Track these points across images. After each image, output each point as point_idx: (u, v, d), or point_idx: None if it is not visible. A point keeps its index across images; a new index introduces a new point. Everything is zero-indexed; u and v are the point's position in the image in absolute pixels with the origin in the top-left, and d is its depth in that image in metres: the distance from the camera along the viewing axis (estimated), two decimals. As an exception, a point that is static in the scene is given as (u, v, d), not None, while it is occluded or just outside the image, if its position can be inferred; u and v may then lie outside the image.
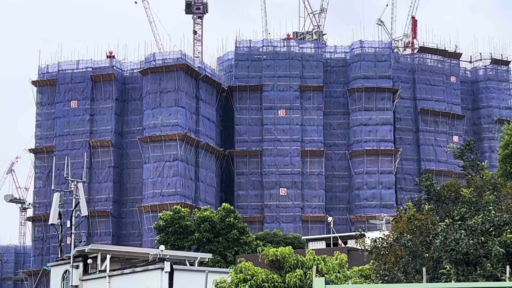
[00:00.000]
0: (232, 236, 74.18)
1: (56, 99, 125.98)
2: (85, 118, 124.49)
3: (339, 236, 75.90)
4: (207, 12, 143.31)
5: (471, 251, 25.93)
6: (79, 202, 49.62)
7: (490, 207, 27.43)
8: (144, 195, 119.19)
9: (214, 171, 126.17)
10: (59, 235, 52.33)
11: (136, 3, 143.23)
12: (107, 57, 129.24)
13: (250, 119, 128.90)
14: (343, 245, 70.96)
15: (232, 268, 36.71)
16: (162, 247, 46.14)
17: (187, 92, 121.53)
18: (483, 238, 26.33)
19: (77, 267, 46.38)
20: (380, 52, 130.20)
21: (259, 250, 37.67)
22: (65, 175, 56.51)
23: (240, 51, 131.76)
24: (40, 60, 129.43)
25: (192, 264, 47.52)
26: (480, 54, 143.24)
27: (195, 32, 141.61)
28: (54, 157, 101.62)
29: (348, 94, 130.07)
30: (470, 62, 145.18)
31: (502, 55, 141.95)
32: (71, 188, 51.95)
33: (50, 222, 51.76)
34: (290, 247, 37.30)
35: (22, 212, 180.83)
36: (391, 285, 25.58)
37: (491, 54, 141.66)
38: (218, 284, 36.52)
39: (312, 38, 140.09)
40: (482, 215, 27.17)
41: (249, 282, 34.77)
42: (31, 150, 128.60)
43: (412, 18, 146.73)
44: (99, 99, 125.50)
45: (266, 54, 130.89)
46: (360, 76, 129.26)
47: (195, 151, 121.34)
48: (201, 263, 50.26)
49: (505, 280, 24.31)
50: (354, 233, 49.55)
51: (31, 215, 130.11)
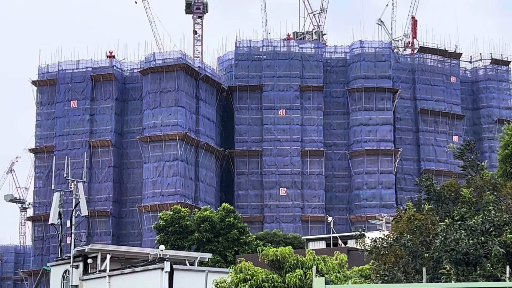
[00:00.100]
0: (232, 236, 74.15)
1: (56, 99, 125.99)
2: (85, 118, 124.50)
3: (339, 236, 75.88)
4: (207, 12, 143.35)
5: (471, 251, 25.93)
6: (79, 202, 49.60)
7: (490, 207, 27.43)
8: (144, 195, 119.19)
9: (214, 171, 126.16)
10: (59, 235, 52.31)
11: (136, 3, 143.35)
12: (107, 57, 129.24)
13: (250, 119, 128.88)
14: (343, 245, 70.93)
15: (232, 268, 36.71)
16: (162, 247, 46.13)
17: (187, 92, 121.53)
18: (483, 238, 26.33)
19: (77, 267, 46.39)
20: (380, 52, 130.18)
21: (259, 250, 37.66)
22: (65, 175, 56.47)
23: (240, 51, 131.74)
24: (40, 60, 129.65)
25: (192, 264, 47.51)
26: (480, 54, 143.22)
27: (195, 32, 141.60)
28: (54, 157, 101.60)
29: (348, 94, 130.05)
30: (470, 62, 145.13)
31: (502, 55, 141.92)
32: (71, 188, 51.94)
33: (50, 222, 51.72)
34: (290, 247, 37.29)
35: (22, 212, 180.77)
36: (391, 285, 25.58)
37: (491, 54, 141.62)
38: (218, 284, 36.53)
39: (312, 38, 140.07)
40: (482, 215, 27.17)
41: (249, 282, 34.77)
42: (31, 150, 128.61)
43: (412, 18, 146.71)
44: (99, 99, 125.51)
45: (266, 54, 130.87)
46: (360, 76, 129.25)
47: (195, 151, 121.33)
48: (201, 263, 50.25)
49: (505, 280, 24.31)
50: (354, 233, 49.54)
51: (31, 215, 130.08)
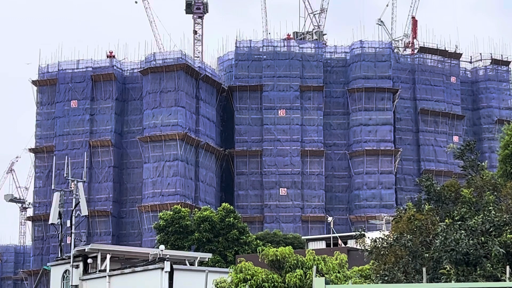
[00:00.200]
0: (232, 236, 74.13)
1: (56, 99, 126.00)
2: (85, 118, 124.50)
3: (339, 236, 75.91)
4: (207, 12, 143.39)
5: (471, 251, 25.93)
6: (79, 202, 49.58)
7: (490, 208, 27.43)
8: (144, 195, 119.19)
9: (214, 171, 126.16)
10: (59, 234, 52.29)
11: (136, 2, 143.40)
12: (107, 56, 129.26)
13: (250, 119, 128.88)
14: (343, 245, 70.95)
15: (232, 268, 36.70)
16: (162, 247, 46.12)
17: (187, 92, 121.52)
18: (483, 238, 26.33)
19: (77, 266, 46.38)
20: (380, 52, 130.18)
21: (259, 250, 37.66)
22: (65, 175, 56.46)
23: (240, 51, 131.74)
24: (40, 59, 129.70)
25: (192, 264, 47.50)
26: (480, 54, 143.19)
27: (195, 32, 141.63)
28: (54, 156, 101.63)
29: (348, 94, 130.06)
30: (470, 63, 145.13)
31: (502, 55, 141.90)
32: (71, 187, 51.93)
33: (50, 222, 51.71)
34: (290, 247, 37.30)
35: (22, 211, 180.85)
36: (391, 285, 25.58)
37: (491, 54, 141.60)
38: (218, 284, 36.53)
39: (312, 38, 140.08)
40: (482, 215, 27.17)
41: (249, 282, 34.77)
42: (31, 150, 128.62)
43: (412, 18, 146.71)
44: (99, 99, 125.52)
45: (266, 54, 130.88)
46: (360, 76, 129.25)
47: (195, 151, 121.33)
48: (201, 263, 50.23)
49: (505, 281, 24.32)
50: (354, 233, 49.52)
51: (31, 215, 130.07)
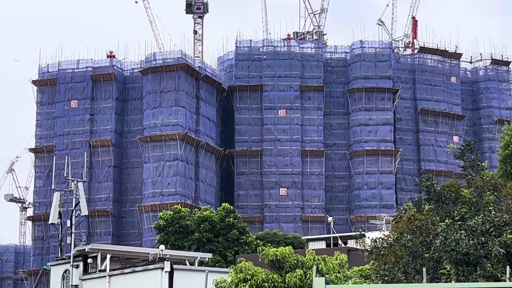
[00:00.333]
0: (232, 236, 74.13)
1: (56, 99, 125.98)
2: (85, 118, 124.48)
3: (339, 236, 75.90)
4: (207, 12, 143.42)
5: (471, 251, 25.93)
6: (79, 202, 49.57)
7: (490, 208, 27.43)
8: (144, 195, 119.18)
9: (214, 171, 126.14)
10: (59, 234, 52.28)
11: (136, 2, 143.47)
12: (108, 56, 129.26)
13: (250, 119, 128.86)
14: (343, 245, 70.94)
15: (232, 268, 36.69)
16: (162, 246, 46.13)
17: (187, 92, 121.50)
18: (483, 239, 26.33)
19: (77, 266, 46.37)
20: (380, 52, 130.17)
21: (259, 250, 37.65)
22: (65, 175, 56.44)
23: (240, 51, 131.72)
24: (40, 59, 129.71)
25: (192, 264, 47.50)
26: (481, 54, 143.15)
27: (195, 32, 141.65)
28: (54, 156, 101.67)
29: (348, 94, 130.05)
30: (471, 63, 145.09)
31: (502, 55, 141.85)
32: (71, 187, 51.92)
33: (50, 222, 51.70)
34: (290, 247, 37.28)
35: (22, 211, 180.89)
36: (391, 285, 25.58)
37: (491, 54, 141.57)
38: (218, 284, 36.53)
39: (313, 38, 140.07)
40: (482, 215, 27.17)
41: (249, 282, 34.76)
42: (31, 150, 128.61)
43: (413, 18, 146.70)
44: (99, 99, 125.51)
45: (266, 54, 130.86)
46: (360, 76, 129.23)
47: (195, 151, 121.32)
48: (201, 263, 50.22)
49: (505, 281, 24.31)
50: (354, 233, 49.51)
51: (31, 215, 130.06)
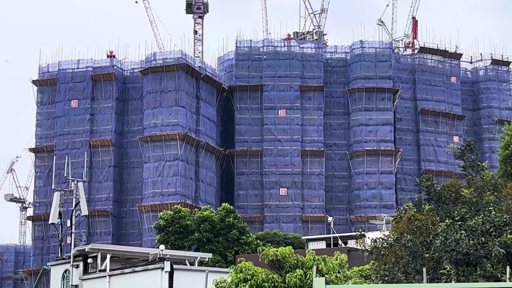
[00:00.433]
0: (232, 236, 74.14)
1: (57, 99, 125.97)
2: (85, 118, 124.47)
3: (339, 236, 75.88)
4: (207, 12, 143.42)
5: (471, 251, 25.93)
6: (79, 202, 49.58)
7: (491, 208, 27.43)
8: (144, 195, 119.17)
9: (214, 171, 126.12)
10: (59, 234, 52.27)
11: (136, 2, 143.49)
12: (108, 56, 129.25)
13: (251, 119, 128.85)
14: (343, 245, 70.93)
15: (232, 268, 36.69)
16: (162, 246, 46.13)
17: (187, 92, 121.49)
18: (483, 239, 26.33)
19: (77, 266, 46.38)
20: (380, 52, 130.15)
21: (259, 250, 37.65)
22: (65, 175, 56.51)
23: (240, 51, 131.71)
24: (40, 59, 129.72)
25: (192, 264, 47.50)
26: (481, 54, 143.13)
27: (195, 32, 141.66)
28: (55, 156, 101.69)
29: (349, 94, 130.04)
30: (471, 63, 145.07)
31: (502, 55, 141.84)
32: (71, 187, 51.92)
33: (50, 222, 51.70)
34: (290, 247, 37.28)
35: (22, 211, 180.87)
36: (391, 285, 25.58)
37: (491, 54, 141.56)
38: (218, 284, 36.53)
39: (313, 38, 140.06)
40: (482, 215, 27.17)
41: (249, 282, 34.76)
42: (31, 150, 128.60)
43: (413, 18, 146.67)
44: (99, 99, 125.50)
45: (266, 54, 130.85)
46: (361, 76, 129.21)
47: (195, 150, 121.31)
48: (201, 263, 50.22)
49: (505, 281, 24.31)
50: (354, 233, 49.52)
51: (31, 215, 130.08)
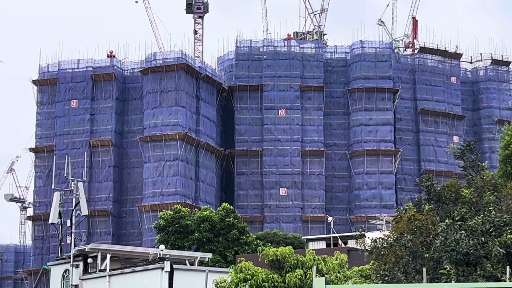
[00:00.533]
0: (232, 236, 74.16)
1: (57, 98, 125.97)
2: (85, 118, 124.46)
3: (339, 236, 75.89)
4: (207, 12, 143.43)
5: (471, 251, 25.93)
6: (79, 202, 49.58)
7: (491, 208, 27.43)
8: (144, 195, 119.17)
9: (214, 171, 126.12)
10: (59, 234, 52.28)
11: (136, 2, 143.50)
12: (108, 56, 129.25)
13: (251, 119, 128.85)
14: (343, 245, 70.94)
15: (232, 267, 36.70)
16: (162, 246, 46.13)
17: (187, 92, 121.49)
18: (483, 239, 26.33)
19: (77, 266, 46.38)
20: (380, 52, 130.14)
21: (259, 250, 37.65)
22: (65, 175, 56.52)
23: (240, 51, 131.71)
24: (40, 59, 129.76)
25: (192, 263, 47.50)
26: (481, 54, 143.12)
27: (195, 32, 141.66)
28: (55, 156, 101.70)
29: (349, 94, 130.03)
30: (471, 63, 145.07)
31: (502, 55, 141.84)
32: (71, 187, 51.93)
33: (50, 221, 51.72)
34: (290, 247, 37.28)
35: (22, 211, 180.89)
36: (391, 285, 25.58)
37: (491, 54, 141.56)
38: (218, 284, 36.53)
39: (313, 38, 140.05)
40: (482, 215, 27.17)
41: (249, 282, 34.76)
42: (31, 149, 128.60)
43: (413, 18, 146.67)
44: (99, 99, 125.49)
45: (266, 54, 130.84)
46: (361, 76, 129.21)
47: (195, 150, 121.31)
48: (201, 263, 50.22)
49: (505, 281, 24.31)
50: (354, 233, 49.53)
51: (31, 214, 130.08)
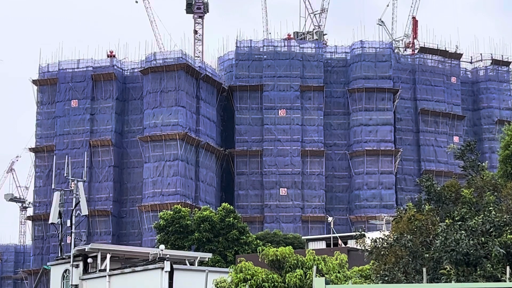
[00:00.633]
0: (232, 236, 74.17)
1: (57, 98, 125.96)
2: (85, 118, 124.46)
3: (339, 236, 75.88)
4: (207, 12, 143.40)
5: (471, 251, 25.93)
6: (79, 201, 49.59)
7: (491, 208, 27.43)
8: (144, 195, 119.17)
9: (214, 170, 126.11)
10: (59, 234, 52.29)
11: (137, 2, 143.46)
12: (108, 56, 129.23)
13: (251, 119, 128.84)
14: (343, 245, 70.93)
15: (232, 267, 36.70)
16: (162, 246, 46.14)
17: (187, 92, 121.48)
18: (483, 239, 26.33)
19: (77, 266, 46.39)
20: (380, 52, 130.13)
21: (259, 250, 37.65)
22: (65, 174, 56.52)
23: (240, 51, 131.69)
24: (40, 59, 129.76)
25: (192, 263, 47.51)
26: (481, 54, 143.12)
27: (195, 32, 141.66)
28: (55, 156, 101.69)
29: (349, 94, 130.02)
30: (471, 63, 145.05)
31: (502, 55, 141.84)
32: (71, 187, 51.94)
33: (50, 221, 51.74)
34: (290, 247, 37.29)
35: (22, 211, 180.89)
36: (391, 285, 25.58)
37: (491, 54, 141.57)
38: (218, 284, 36.53)
39: (313, 38, 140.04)
40: (482, 215, 27.17)
41: (249, 282, 34.76)
42: (31, 149, 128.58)
43: (413, 18, 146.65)
44: (99, 99, 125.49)
45: (266, 54, 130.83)
46: (361, 76, 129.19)
47: (195, 150, 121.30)
48: (201, 263, 50.23)
49: (505, 281, 24.30)
50: (354, 233, 49.52)
51: (31, 214, 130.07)
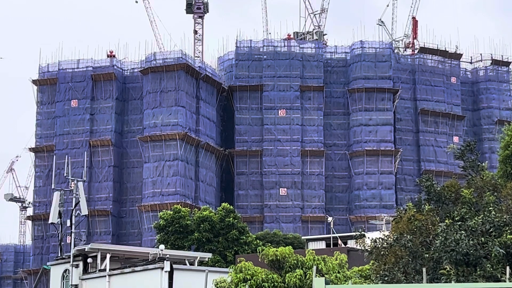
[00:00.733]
0: (232, 236, 74.16)
1: (57, 98, 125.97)
2: (85, 117, 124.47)
3: (339, 236, 75.91)
4: (207, 12, 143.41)
5: (471, 251, 25.93)
6: (79, 201, 49.58)
7: (490, 208, 27.44)
8: (144, 195, 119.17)
9: (214, 171, 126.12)
10: (59, 234, 52.27)
11: (137, 2, 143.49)
12: (108, 56, 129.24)
13: (250, 119, 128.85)
14: (343, 245, 70.95)
15: (232, 268, 36.71)
16: (162, 246, 46.11)
17: (187, 92, 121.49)
18: (483, 239, 26.33)
19: (77, 266, 46.38)
20: (380, 52, 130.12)
21: (259, 250, 37.66)
22: (65, 174, 56.50)
23: (240, 51, 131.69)
24: (40, 59, 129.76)
25: (192, 263, 47.50)
26: (481, 54, 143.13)
27: (195, 32, 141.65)
28: (54, 156, 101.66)
29: (349, 95, 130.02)
30: (471, 63, 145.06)
31: (502, 56, 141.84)
32: (71, 187, 51.96)
33: (50, 221, 51.74)
34: (290, 247, 37.30)
35: (22, 211, 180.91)
36: (391, 285, 25.58)
37: (491, 55, 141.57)
38: (218, 284, 36.54)
39: (313, 38, 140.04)
40: (482, 215, 27.17)
41: (249, 282, 34.77)
42: (31, 149, 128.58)
43: (413, 18, 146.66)
44: (99, 98, 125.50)
45: (266, 54, 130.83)
46: (361, 76, 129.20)
47: (195, 150, 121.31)
48: (201, 263, 50.22)
49: (505, 281, 24.31)
50: (354, 233, 49.53)
51: (31, 214, 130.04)
